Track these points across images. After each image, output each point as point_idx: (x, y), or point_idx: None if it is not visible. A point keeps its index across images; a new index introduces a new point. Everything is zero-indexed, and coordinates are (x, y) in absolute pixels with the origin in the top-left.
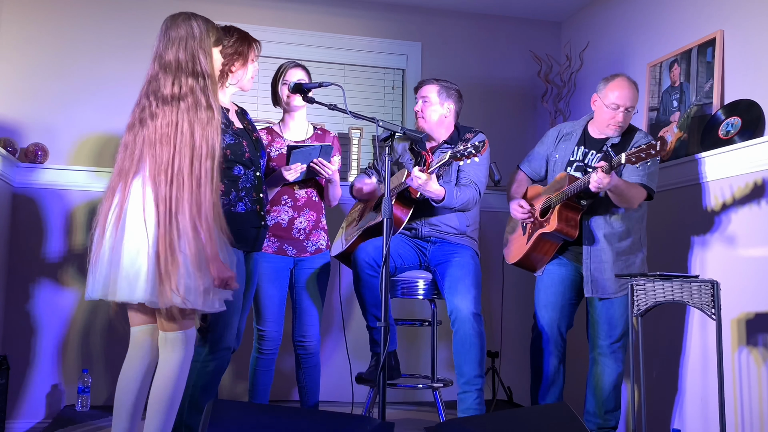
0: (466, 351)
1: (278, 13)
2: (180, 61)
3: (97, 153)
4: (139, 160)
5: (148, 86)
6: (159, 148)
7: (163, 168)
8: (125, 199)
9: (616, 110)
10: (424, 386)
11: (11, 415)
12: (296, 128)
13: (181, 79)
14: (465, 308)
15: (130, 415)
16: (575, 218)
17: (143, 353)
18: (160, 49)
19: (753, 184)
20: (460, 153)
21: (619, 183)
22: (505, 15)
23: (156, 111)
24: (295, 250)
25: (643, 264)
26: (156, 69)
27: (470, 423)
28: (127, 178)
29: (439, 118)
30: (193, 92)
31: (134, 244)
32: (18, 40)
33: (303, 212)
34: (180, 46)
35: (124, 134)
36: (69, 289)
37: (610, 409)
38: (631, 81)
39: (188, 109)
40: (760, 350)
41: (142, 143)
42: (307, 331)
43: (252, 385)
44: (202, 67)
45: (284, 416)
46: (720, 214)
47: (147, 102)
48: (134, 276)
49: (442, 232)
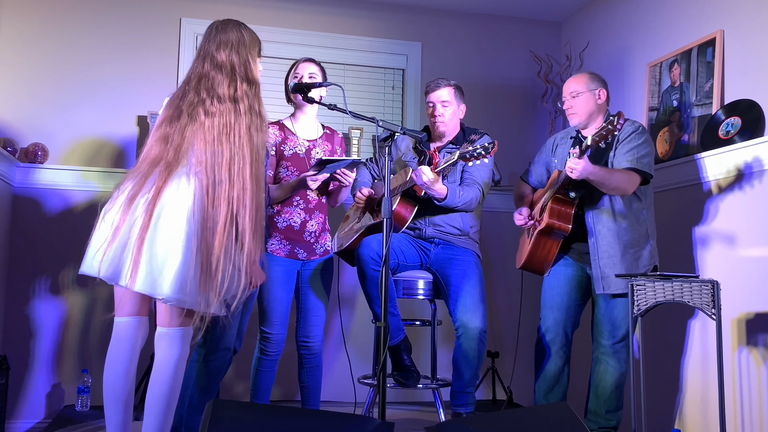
0: (469, 361)
1: (278, 13)
2: (234, 64)
3: (97, 153)
4: (187, 154)
5: (198, 83)
6: (218, 146)
7: (225, 166)
8: (162, 189)
9: (566, 102)
10: (424, 386)
11: (11, 415)
12: (308, 126)
13: (236, 82)
14: (474, 327)
15: (123, 406)
16: (567, 211)
17: (130, 345)
18: (211, 49)
19: (753, 185)
20: (470, 154)
21: (594, 170)
22: (505, 15)
23: (212, 109)
24: (305, 254)
25: (652, 256)
26: (207, 67)
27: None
28: (170, 169)
29: (457, 120)
30: (248, 97)
31: (170, 239)
32: (18, 40)
33: (314, 214)
34: (233, 49)
35: (161, 127)
36: (69, 289)
37: (612, 409)
38: (582, 73)
39: (245, 112)
40: (760, 350)
41: (192, 137)
42: (312, 332)
43: (254, 386)
44: (253, 74)
45: (284, 416)
46: (720, 215)
47: (197, 98)
48: (159, 271)
49: (445, 233)
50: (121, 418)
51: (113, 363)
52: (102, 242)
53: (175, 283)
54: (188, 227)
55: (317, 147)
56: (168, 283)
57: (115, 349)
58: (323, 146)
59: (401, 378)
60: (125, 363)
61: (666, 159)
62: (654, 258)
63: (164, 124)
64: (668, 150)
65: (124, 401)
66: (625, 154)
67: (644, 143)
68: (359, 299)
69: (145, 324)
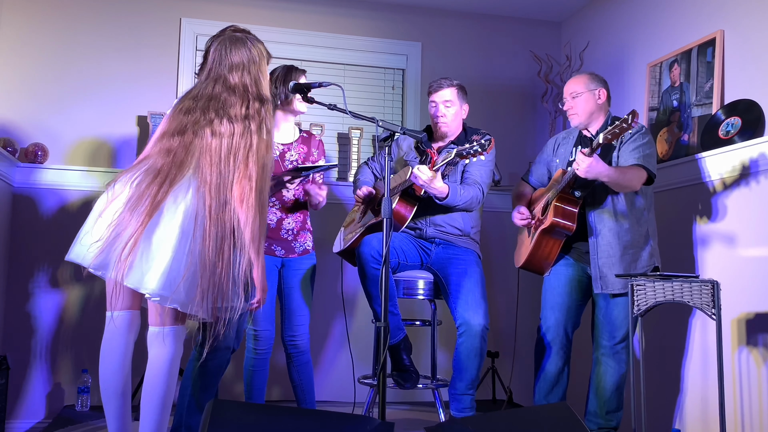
0: (471, 361)
1: (278, 13)
2: (246, 86)
3: (97, 153)
4: (187, 168)
5: (207, 102)
6: (224, 166)
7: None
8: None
9: (566, 102)
10: (424, 386)
11: (11, 415)
12: (285, 130)
13: (248, 102)
14: (476, 324)
15: (122, 399)
16: (572, 211)
17: (124, 338)
18: (223, 72)
19: (753, 185)
20: (466, 151)
21: (603, 169)
22: (505, 15)
23: (219, 129)
24: (283, 251)
25: (652, 257)
26: (218, 90)
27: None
28: (172, 183)
29: (459, 120)
30: (259, 115)
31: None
32: (18, 40)
33: (291, 214)
34: (244, 71)
35: (164, 139)
36: (69, 289)
37: (612, 410)
38: (581, 74)
39: (256, 131)
40: (760, 350)
41: (197, 155)
42: (298, 330)
43: (248, 386)
44: (264, 91)
45: (284, 416)
46: (720, 215)
47: (205, 118)
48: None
49: (446, 233)
50: (120, 411)
51: (108, 356)
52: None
53: (163, 280)
54: (181, 232)
55: (292, 150)
56: (155, 279)
57: (109, 342)
58: (298, 149)
59: (400, 379)
60: (120, 356)
61: (666, 159)
62: (654, 259)
63: (166, 137)
64: (668, 150)
65: (121, 393)
66: (631, 152)
67: (648, 143)
68: (359, 299)
69: (137, 317)
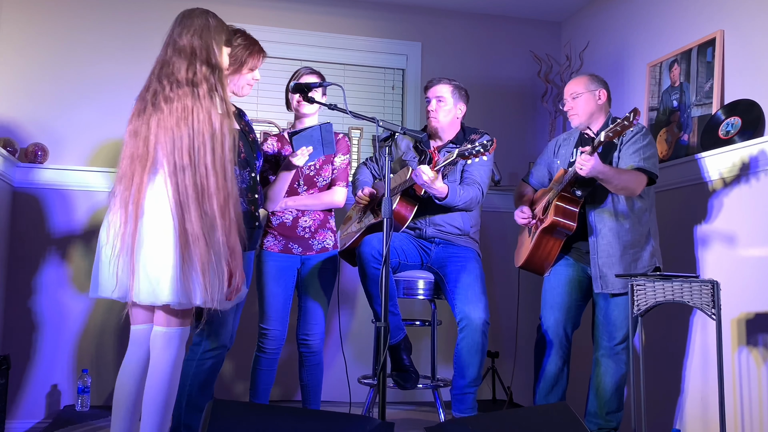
0: (473, 357)
1: (278, 13)
2: (195, 48)
3: (97, 153)
4: (154, 145)
5: (159, 70)
6: (177, 131)
7: (185, 151)
8: (142, 190)
9: (567, 103)
10: (424, 386)
11: (11, 415)
12: None
13: (195, 66)
14: (477, 317)
15: (130, 414)
16: (573, 210)
17: (144, 352)
18: (174, 35)
19: (753, 185)
20: (468, 152)
21: (603, 168)
22: (505, 15)
23: (170, 95)
24: (300, 249)
25: (653, 257)
26: (169, 53)
27: (470, 423)
28: (144, 164)
29: (452, 119)
30: (207, 80)
31: (158, 243)
32: (18, 40)
33: (307, 212)
34: (195, 34)
35: (132, 122)
36: (69, 288)
37: (612, 410)
38: (582, 75)
39: (204, 95)
40: (760, 350)
41: (156, 127)
42: (311, 330)
43: (253, 385)
44: (215, 58)
45: (284, 416)
46: (719, 214)
47: (159, 86)
48: (156, 280)
49: (446, 233)
50: (126, 425)
51: (126, 368)
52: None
53: (175, 287)
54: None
55: None
56: (167, 290)
57: (130, 356)
58: None
59: (400, 379)
60: (137, 369)
61: (666, 159)
62: (655, 259)
63: (133, 118)
64: (668, 150)
65: (133, 403)
66: (631, 155)
67: (649, 144)
68: (359, 299)
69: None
